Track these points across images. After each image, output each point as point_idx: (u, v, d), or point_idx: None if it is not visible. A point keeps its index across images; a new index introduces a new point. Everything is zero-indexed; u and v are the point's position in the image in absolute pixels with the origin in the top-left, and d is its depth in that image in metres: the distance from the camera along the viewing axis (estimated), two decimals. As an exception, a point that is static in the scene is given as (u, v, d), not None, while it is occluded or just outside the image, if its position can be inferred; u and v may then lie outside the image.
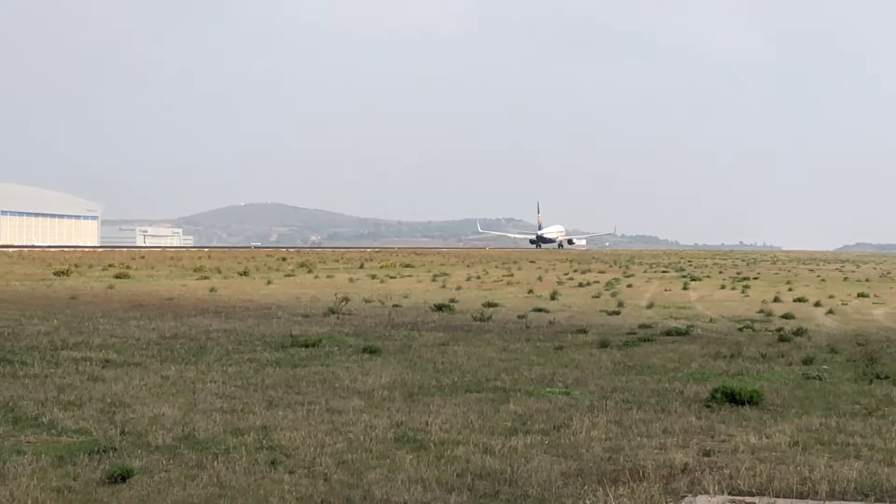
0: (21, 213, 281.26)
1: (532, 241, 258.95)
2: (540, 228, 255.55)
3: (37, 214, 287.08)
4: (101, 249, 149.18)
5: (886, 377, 20.97)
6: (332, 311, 37.44)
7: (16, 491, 11.02)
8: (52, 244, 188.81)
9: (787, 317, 38.94)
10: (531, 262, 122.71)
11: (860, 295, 57.55)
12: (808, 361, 23.96)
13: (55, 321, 31.56)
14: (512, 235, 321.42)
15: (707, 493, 11.09)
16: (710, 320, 37.61)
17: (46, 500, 10.79)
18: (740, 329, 33.27)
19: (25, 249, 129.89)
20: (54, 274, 64.96)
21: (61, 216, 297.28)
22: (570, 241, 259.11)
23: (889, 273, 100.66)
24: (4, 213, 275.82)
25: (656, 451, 13.55)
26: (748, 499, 10.74)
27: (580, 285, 64.96)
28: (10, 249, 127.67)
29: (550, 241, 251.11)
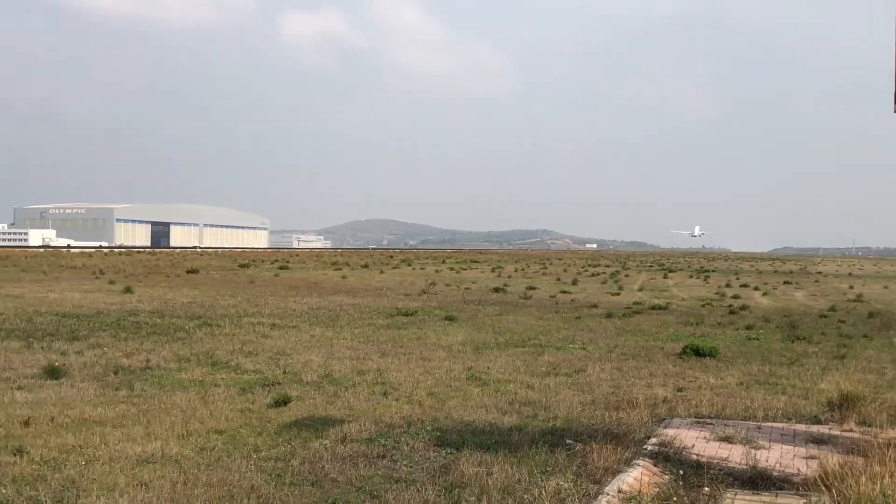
0: (216, 226, 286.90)
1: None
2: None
3: (226, 226, 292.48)
4: (269, 250, 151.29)
5: (803, 338, 20.68)
6: (423, 291, 37.60)
7: (214, 411, 11.19)
8: (237, 246, 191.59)
9: (735, 297, 38.41)
10: (559, 259, 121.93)
11: (785, 282, 56.76)
12: (749, 327, 23.63)
13: (239, 298, 32.00)
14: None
15: (680, 416, 10.97)
16: (682, 299, 37.08)
17: (234, 416, 10.93)
18: (703, 306, 32.82)
19: (219, 250, 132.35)
20: (238, 266, 65.73)
21: (243, 227, 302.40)
22: None
23: (805, 268, 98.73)
24: (206, 225, 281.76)
25: (645, 388, 13.41)
26: (708, 420, 10.59)
27: (593, 275, 64.35)
28: (209, 250, 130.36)
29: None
